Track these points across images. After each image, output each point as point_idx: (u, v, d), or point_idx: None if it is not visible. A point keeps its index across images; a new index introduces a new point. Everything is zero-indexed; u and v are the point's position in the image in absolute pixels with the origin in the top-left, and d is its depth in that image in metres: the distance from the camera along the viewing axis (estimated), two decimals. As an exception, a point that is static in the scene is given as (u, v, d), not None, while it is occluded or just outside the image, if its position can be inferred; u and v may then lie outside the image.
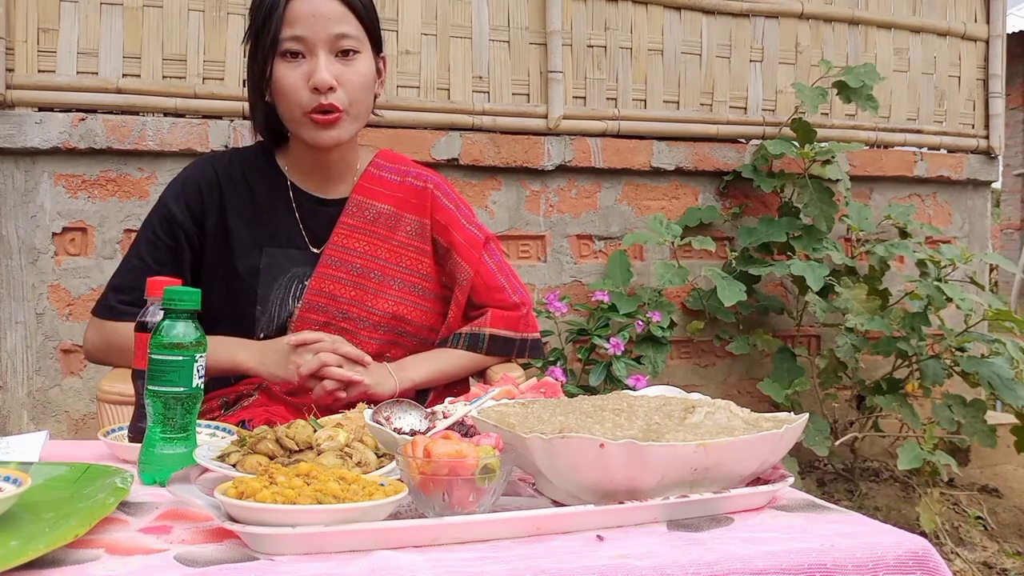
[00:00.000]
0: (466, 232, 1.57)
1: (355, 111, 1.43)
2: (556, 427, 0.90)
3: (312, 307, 1.46)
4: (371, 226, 1.52)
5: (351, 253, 1.50)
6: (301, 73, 1.39)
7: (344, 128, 1.43)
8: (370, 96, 1.47)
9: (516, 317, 1.58)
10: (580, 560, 0.75)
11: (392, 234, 1.53)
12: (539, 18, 2.99)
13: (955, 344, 2.96)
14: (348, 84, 1.41)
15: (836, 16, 3.39)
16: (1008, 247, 9.11)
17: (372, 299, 1.49)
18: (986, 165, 3.62)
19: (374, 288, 1.50)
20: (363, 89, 1.43)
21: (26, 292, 2.50)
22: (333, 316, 1.47)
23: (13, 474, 0.82)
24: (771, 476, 0.97)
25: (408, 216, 1.55)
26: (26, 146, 2.46)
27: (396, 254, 1.52)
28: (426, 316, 1.54)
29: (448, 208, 1.57)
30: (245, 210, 1.49)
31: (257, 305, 1.46)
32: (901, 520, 2.88)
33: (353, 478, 0.83)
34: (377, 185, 1.55)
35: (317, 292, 1.47)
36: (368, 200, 1.53)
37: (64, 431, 2.51)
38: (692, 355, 3.20)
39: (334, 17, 1.39)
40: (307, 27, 1.38)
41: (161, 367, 0.97)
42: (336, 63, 1.40)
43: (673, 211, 3.16)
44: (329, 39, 1.39)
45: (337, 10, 1.40)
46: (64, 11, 2.51)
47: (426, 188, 1.57)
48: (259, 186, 1.51)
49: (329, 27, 1.39)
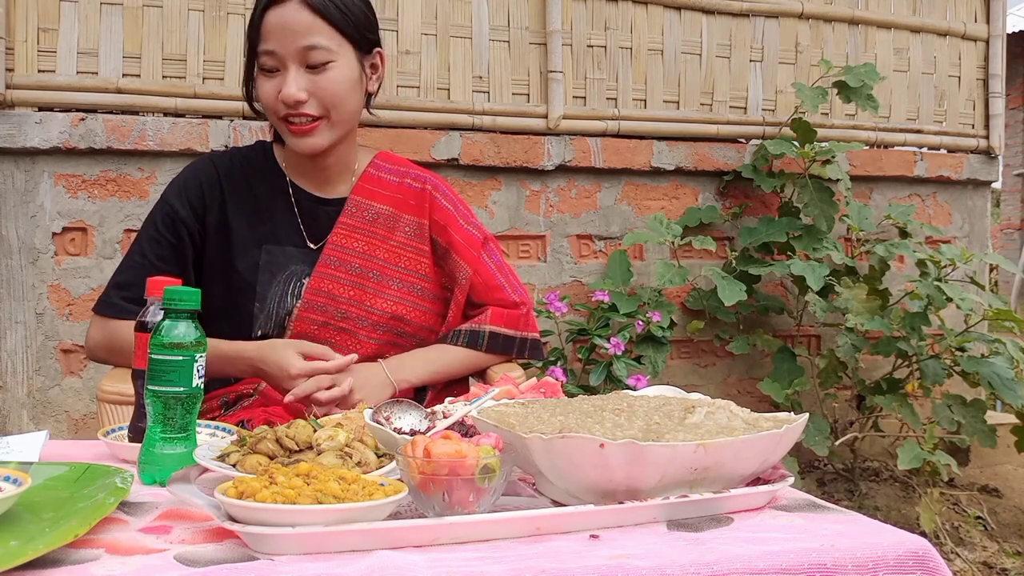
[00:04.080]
0: (464, 232, 1.58)
1: (336, 116, 1.43)
2: (556, 427, 0.90)
3: (311, 306, 1.46)
4: (370, 226, 1.52)
5: (350, 253, 1.50)
6: (274, 85, 1.41)
7: (322, 135, 1.43)
8: (354, 97, 1.46)
9: (516, 315, 1.58)
10: (580, 560, 0.75)
11: (391, 234, 1.54)
12: (539, 18, 2.99)
13: (955, 344, 2.96)
14: (321, 93, 1.40)
15: (836, 16, 3.39)
16: (1008, 247, 9.10)
17: (371, 299, 1.49)
18: (986, 165, 3.62)
19: (373, 288, 1.50)
20: (340, 95, 1.42)
21: (26, 292, 2.50)
22: (332, 316, 1.47)
23: (13, 474, 0.82)
24: (771, 476, 0.97)
25: (406, 217, 1.55)
26: (26, 146, 2.46)
27: (395, 254, 1.53)
28: (425, 316, 1.54)
29: (446, 208, 1.58)
30: (245, 208, 1.50)
31: (256, 302, 1.46)
32: (901, 520, 2.88)
33: (353, 478, 0.83)
34: (376, 186, 1.55)
35: (316, 291, 1.47)
36: (367, 201, 1.54)
37: (64, 431, 2.51)
38: (692, 355, 3.20)
39: (302, 29, 1.38)
40: (277, 41, 1.39)
41: (161, 367, 0.97)
42: (306, 75, 1.40)
43: (673, 211, 3.16)
44: (298, 52, 1.39)
45: (305, 21, 1.39)
46: (64, 11, 2.51)
47: (424, 189, 1.57)
48: (259, 184, 1.52)
49: (297, 40, 1.38)
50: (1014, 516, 3.09)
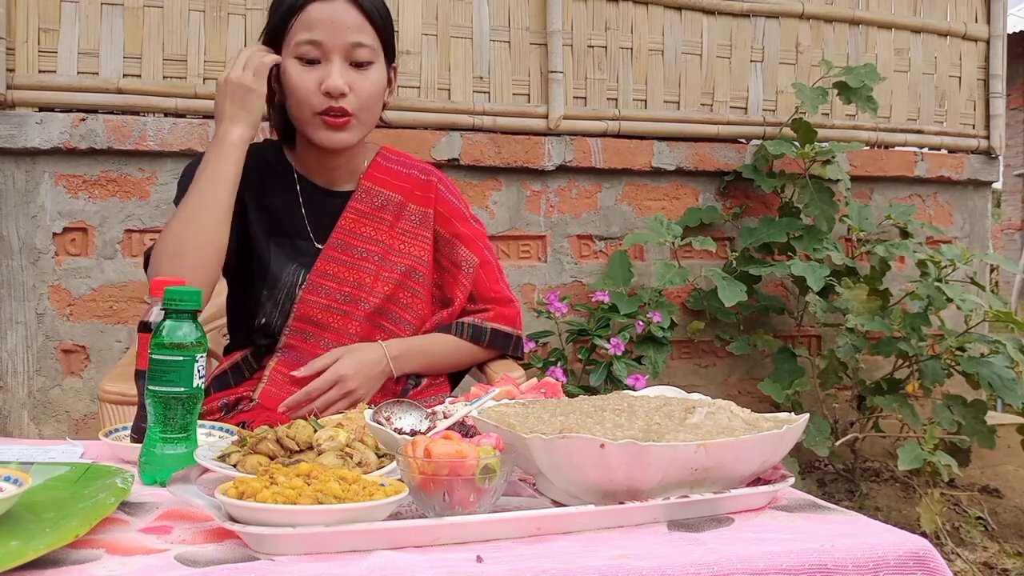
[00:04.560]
0: (471, 226, 1.63)
1: (364, 117, 1.45)
2: (556, 427, 0.90)
3: (315, 288, 1.48)
4: (379, 212, 1.55)
5: (358, 238, 1.52)
6: (314, 77, 1.41)
7: (352, 132, 1.45)
8: (379, 105, 1.49)
9: (514, 314, 1.63)
10: (580, 560, 0.75)
11: (397, 221, 1.56)
12: (540, 18, 2.99)
13: (955, 344, 2.96)
14: (360, 91, 1.42)
15: (837, 16, 3.39)
16: (1009, 247, 9.10)
17: (372, 282, 1.51)
18: (987, 165, 3.62)
19: (374, 270, 1.52)
20: (373, 97, 1.45)
21: (27, 292, 2.50)
22: (335, 299, 1.49)
23: (14, 474, 0.82)
24: (771, 476, 0.96)
25: (413, 206, 1.58)
26: (27, 146, 2.46)
27: (398, 240, 1.55)
28: (418, 302, 1.56)
29: (452, 201, 1.63)
30: (256, 200, 1.51)
31: (264, 291, 1.48)
32: (902, 520, 2.88)
33: (354, 478, 0.83)
34: (385, 175, 1.59)
35: (322, 274, 1.49)
36: (377, 187, 1.57)
37: (65, 431, 2.51)
38: (692, 355, 3.20)
39: (352, 26, 1.41)
40: (325, 32, 1.40)
41: (162, 367, 0.97)
42: (350, 71, 1.42)
43: (674, 211, 3.16)
44: (345, 47, 1.41)
45: (356, 19, 1.41)
46: (65, 11, 2.51)
47: (430, 181, 1.62)
48: (268, 177, 1.53)
49: (347, 35, 1.40)
50: (1015, 516, 3.09)
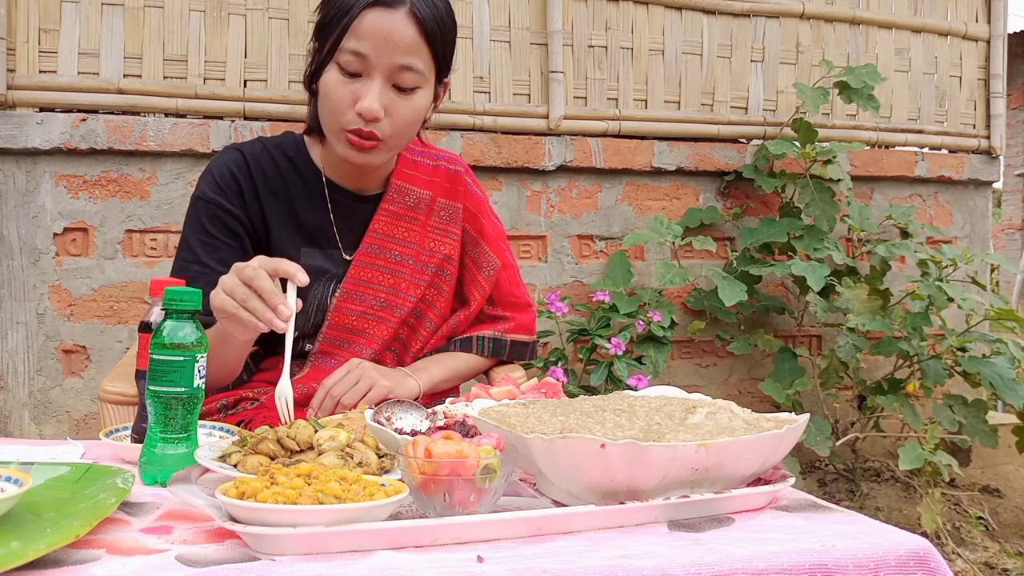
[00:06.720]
0: (492, 222, 1.58)
1: (395, 143, 1.36)
2: (557, 427, 0.90)
3: (350, 296, 1.43)
4: (410, 212, 1.49)
5: (391, 240, 1.47)
6: (351, 91, 1.30)
7: (378, 155, 1.36)
8: (416, 128, 1.39)
9: (532, 319, 1.60)
10: (581, 560, 0.75)
11: (427, 219, 1.51)
12: (540, 18, 2.99)
13: (956, 344, 2.96)
14: (396, 117, 1.32)
15: (837, 16, 3.39)
16: (1009, 247, 9.10)
17: (407, 286, 1.47)
18: (987, 165, 3.61)
19: (409, 274, 1.48)
20: (410, 124, 1.35)
21: (27, 292, 2.50)
22: (370, 305, 1.45)
23: (14, 474, 0.82)
24: (772, 476, 0.96)
25: (442, 200, 1.53)
26: (27, 146, 2.46)
27: (429, 238, 1.51)
28: (443, 301, 1.53)
29: (477, 195, 1.57)
30: (281, 206, 1.43)
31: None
32: (902, 520, 2.88)
33: (354, 478, 0.83)
34: (413, 170, 1.52)
35: (356, 281, 1.44)
36: (408, 185, 1.50)
37: (65, 431, 2.51)
38: (693, 355, 3.20)
39: (405, 46, 1.28)
40: (372, 47, 1.28)
41: (162, 367, 0.97)
42: (390, 91, 1.30)
43: (674, 211, 3.16)
44: (391, 68, 1.29)
45: (411, 38, 1.29)
46: (65, 11, 2.51)
47: (458, 172, 1.55)
48: (293, 181, 1.45)
49: (396, 56, 1.28)
50: (1015, 516, 3.09)
